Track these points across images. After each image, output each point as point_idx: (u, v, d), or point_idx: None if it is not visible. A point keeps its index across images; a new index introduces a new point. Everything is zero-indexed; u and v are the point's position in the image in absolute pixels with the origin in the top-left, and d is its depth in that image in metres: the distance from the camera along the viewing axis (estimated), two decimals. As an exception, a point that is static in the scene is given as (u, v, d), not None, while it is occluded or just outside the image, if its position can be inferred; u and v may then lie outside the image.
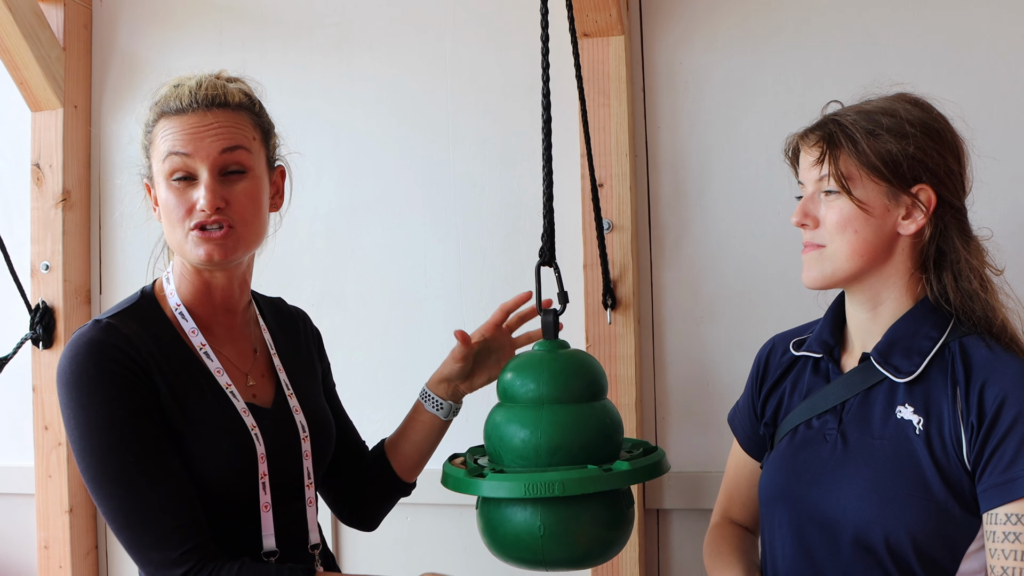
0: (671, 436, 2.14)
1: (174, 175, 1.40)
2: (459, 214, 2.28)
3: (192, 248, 1.41)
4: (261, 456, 1.43)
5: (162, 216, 1.45)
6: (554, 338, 1.56)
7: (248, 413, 1.45)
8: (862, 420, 1.41)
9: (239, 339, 1.55)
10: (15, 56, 2.37)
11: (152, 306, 1.47)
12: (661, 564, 2.16)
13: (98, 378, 1.34)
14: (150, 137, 1.45)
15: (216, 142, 1.41)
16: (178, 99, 1.43)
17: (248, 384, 1.51)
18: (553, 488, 1.38)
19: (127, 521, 1.33)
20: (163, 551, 1.32)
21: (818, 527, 1.40)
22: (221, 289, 1.50)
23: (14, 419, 2.58)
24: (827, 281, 1.43)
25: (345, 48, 2.38)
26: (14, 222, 2.55)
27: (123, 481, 1.32)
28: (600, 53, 2.10)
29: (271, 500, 1.44)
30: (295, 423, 1.53)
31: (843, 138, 1.39)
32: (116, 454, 1.33)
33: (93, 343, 1.36)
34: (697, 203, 2.13)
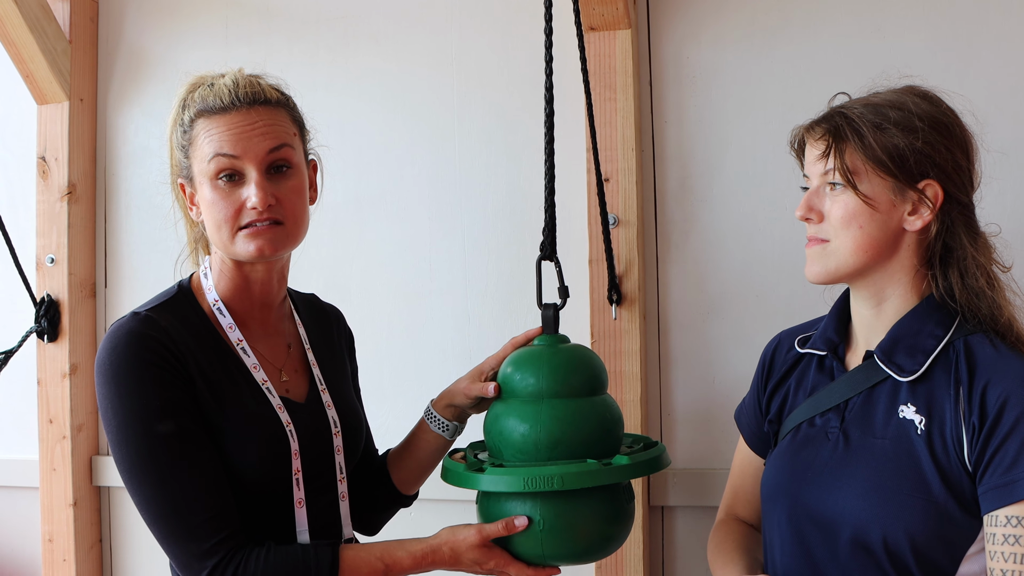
0: (676, 432, 2.13)
1: (220, 175, 1.41)
2: (464, 208, 2.27)
3: (243, 245, 1.42)
4: (295, 452, 1.44)
5: (206, 215, 1.44)
6: (554, 332, 1.56)
7: (283, 409, 1.45)
8: (864, 419, 1.39)
9: (274, 334, 1.55)
10: (21, 49, 2.37)
11: (189, 300, 1.48)
12: (666, 561, 2.15)
13: (136, 369, 1.35)
14: (189, 137, 1.45)
15: (263, 141, 1.42)
16: (218, 97, 1.42)
17: (282, 379, 1.52)
18: (552, 482, 1.38)
19: (160, 512, 1.34)
20: (195, 542, 1.33)
21: (816, 526, 1.39)
22: (260, 284, 1.51)
23: (19, 412, 2.59)
24: (830, 276, 1.42)
25: (351, 42, 2.37)
26: (20, 215, 2.55)
27: (156, 472, 1.34)
28: (607, 47, 2.09)
29: (304, 496, 1.45)
30: (327, 418, 1.53)
31: (849, 131, 1.36)
32: (150, 446, 1.34)
33: (132, 335, 1.37)
34: (703, 198, 2.12)
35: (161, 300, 1.47)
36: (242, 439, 1.40)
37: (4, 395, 2.40)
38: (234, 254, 1.44)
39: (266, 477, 1.42)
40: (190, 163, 1.45)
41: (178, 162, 1.49)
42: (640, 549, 2.05)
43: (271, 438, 1.43)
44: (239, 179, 1.41)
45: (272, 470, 1.42)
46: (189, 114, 1.45)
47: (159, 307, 1.44)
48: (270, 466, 1.42)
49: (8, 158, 2.62)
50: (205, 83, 1.46)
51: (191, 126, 1.44)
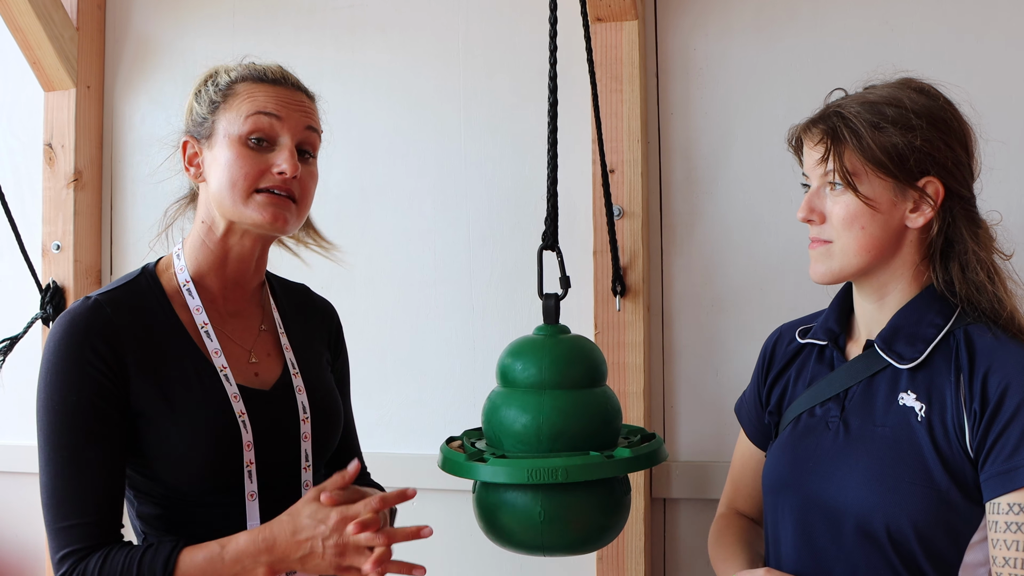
0: (679, 425, 2.13)
1: (254, 135, 1.41)
2: (469, 198, 2.27)
3: (256, 208, 1.41)
4: (247, 444, 1.41)
5: (216, 175, 1.42)
6: (555, 323, 1.55)
7: (239, 399, 1.42)
8: (865, 407, 1.39)
9: (245, 314, 1.53)
10: (28, 36, 2.38)
11: (151, 284, 1.46)
12: (667, 553, 2.14)
13: (65, 359, 1.34)
14: (224, 94, 1.44)
15: (303, 117, 1.46)
16: (269, 71, 1.46)
17: (251, 361, 1.49)
18: (556, 474, 1.38)
19: (45, 502, 1.33)
20: (57, 541, 1.32)
21: (820, 515, 1.38)
22: (237, 260, 1.49)
23: (24, 398, 2.58)
24: (835, 277, 1.41)
25: (357, 32, 2.37)
26: (26, 202, 2.56)
27: (52, 466, 1.33)
28: (613, 38, 2.08)
29: (258, 488, 1.42)
30: (296, 404, 1.50)
31: (847, 133, 1.35)
32: (55, 435, 1.33)
33: (72, 323, 1.36)
34: (709, 191, 2.11)
35: (120, 283, 1.44)
36: (187, 430, 1.37)
37: (9, 381, 2.40)
38: (240, 216, 1.41)
39: (213, 468, 1.39)
40: (214, 119, 1.44)
41: (195, 118, 1.47)
42: (641, 541, 2.05)
43: (220, 430, 1.39)
44: (269, 146, 1.42)
45: (219, 461, 1.39)
46: (230, 76, 1.46)
47: (115, 291, 1.42)
48: (217, 458, 1.39)
49: (15, 145, 2.62)
50: (243, 62, 1.50)
51: (230, 86, 1.45)
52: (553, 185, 1.54)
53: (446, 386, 2.27)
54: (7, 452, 2.65)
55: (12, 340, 2.37)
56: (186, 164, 1.48)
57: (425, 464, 2.15)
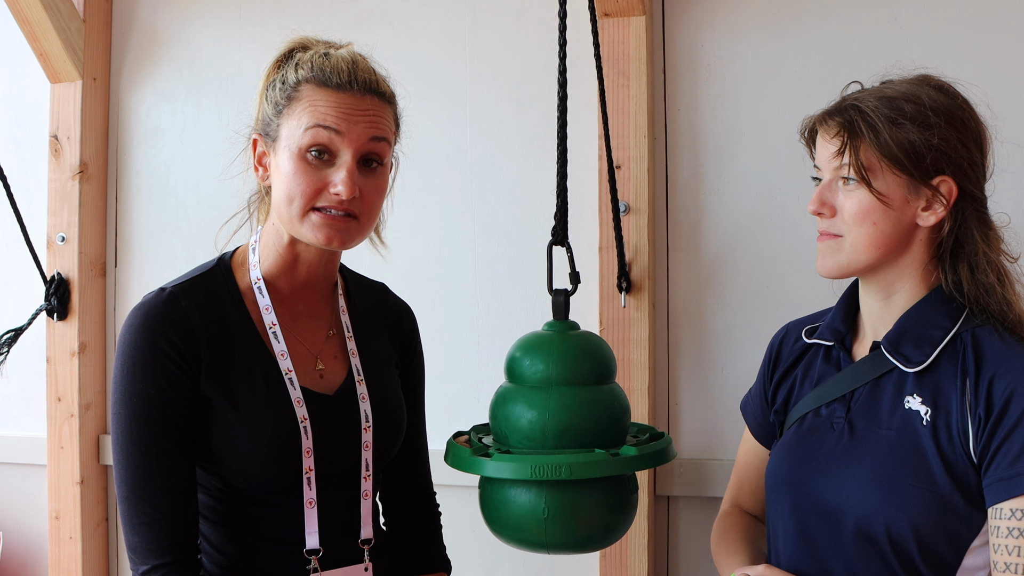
0: (683, 422, 2.12)
1: (312, 148, 1.34)
2: (475, 193, 2.27)
3: (310, 228, 1.35)
4: (307, 451, 1.38)
5: (278, 185, 1.37)
6: (564, 319, 1.55)
7: (302, 403, 1.39)
8: (870, 410, 1.39)
9: (316, 316, 1.49)
10: (35, 27, 2.38)
11: (225, 278, 1.43)
12: (670, 551, 2.14)
13: (140, 349, 1.33)
14: (289, 97, 1.37)
15: (367, 128, 1.36)
16: (335, 71, 1.35)
17: (317, 367, 1.46)
18: (560, 471, 1.37)
19: (124, 495, 1.32)
20: (147, 538, 1.31)
21: (820, 516, 1.38)
22: (308, 264, 1.45)
23: (28, 390, 2.60)
24: (842, 272, 1.40)
25: (364, 25, 2.36)
26: (31, 194, 2.56)
27: (130, 456, 1.32)
28: (621, 33, 2.08)
29: (317, 495, 1.40)
30: (359, 411, 1.46)
31: (864, 127, 1.34)
32: (131, 427, 1.32)
33: (148, 315, 1.34)
34: (715, 187, 2.11)
35: (194, 275, 1.42)
36: (248, 432, 1.36)
37: (13, 373, 2.41)
38: (297, 232, 1.37)
39: (270, 472, 1.37)
40: (279, 123, 1.37)
41: (264, 116, 1.41)
42: (644, 539, 2.05)
43: (280, 434, 1.37)
44: (329, 159, 1.34)
45: (277, 466, 1.37)
46: (298, 75, 1.37)
47: (189, 283, 1.39)
48: (275, 462, 1.37)
49: (21, 136, 2.62)
50: (319, 49, 1.40)
51: (296, 88, 1.36)
52: (563, 180, 1.53)
53: (450, 381, 2.26)
54: (10, 443, 2.65)
55: (16, 331, 2.37)
56: (256, 162, 1.43)
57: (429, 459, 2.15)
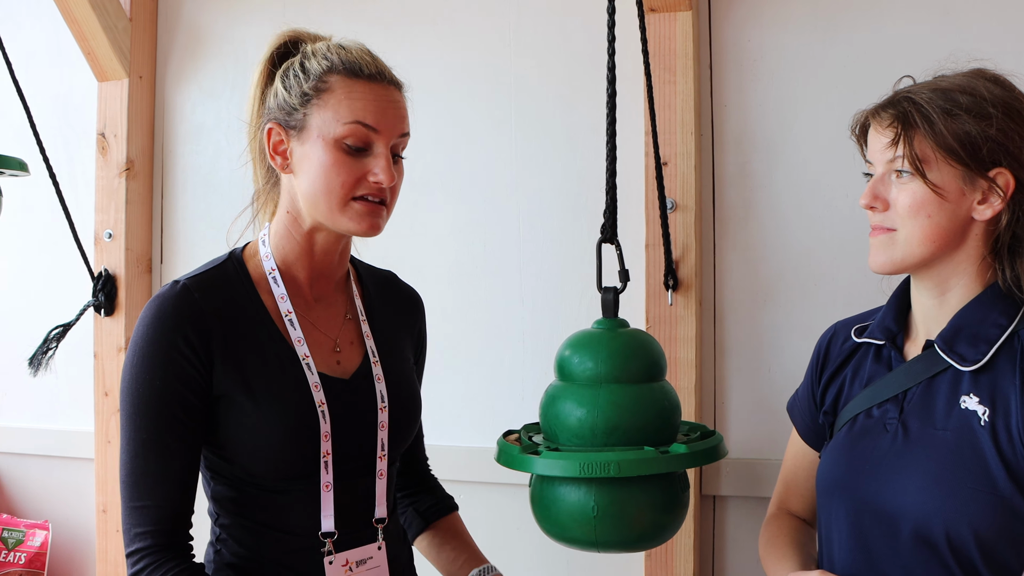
0: (730, 421, 2.11)
1: (349, 140, 1.37)
2: (520, 190, 2.26)
3: (353, 216, 1.38)
4: (325, 435, 1.40)
5: (312, 175, 1.38)
6: (614, 316, 1.54)
7: (319, 388, 1.41)
8: (924, 410, 1.35)
9: (331, 302, 1.52)
10: (83, 27, 2.40)
11: (238, 269, 1.45)
12: (716, 551, 2.13)
13: (152, 342, 1.34)
14: (317, 88, 1.38)
15: (399, 123, 1.41)
16: (361, 63, 1.39)
17: (335, 350, 1.49)
18: (609, 468, 1.36)
19: (123, 479, 1.35)
20: (133, 519, 1.34)
21: (876, 520, 1.35)
22: (324, 253, 1.47)
23: (76, 385, 2.63)
24: (895, 267, 1.38)
25: (408, 23, 2.36)
26: (79, 191, 2.58)
27: (133, 443, 1.34)
28: (667, 29, 2.06)
29: (334, 478, 1.41)
30: (375, 392, 1.49)
31: (919, 118, 1.32)
32: (136, 418, 1.34)
33: (162, 307, 1.36)
34: (762, 184, 2.09)
35: (207, 268, 1.44)
36: (266, 418, 1.38)
37: (62, 368, 2.43)
38: (334, 222, 1.39)
39: (288, 457, 1.39)
40: (307, 113, 1.38)
41: (284, 105, 1.40)
42: (691, 539, 2.04)
43: (299, 418, 1.39)
44: (365, 151, 1.38)
45: (296, 451, 1.39)
46: (322, 64, 1.39)
47: (202, 276, 1.41)
48: (293, 447, 1.39)
49: (69, 134, 2.65)
50: (325, 40, 1.44)
51: (323, 78, 1.38)
52: (612, 178, 1.53)
53: (495, 379, 2.27)
54: (58, 437, 2.68)
55: (65, 327, 2.39)
56: (271, 151, 1.42)
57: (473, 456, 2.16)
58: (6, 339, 2.74)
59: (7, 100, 2.33)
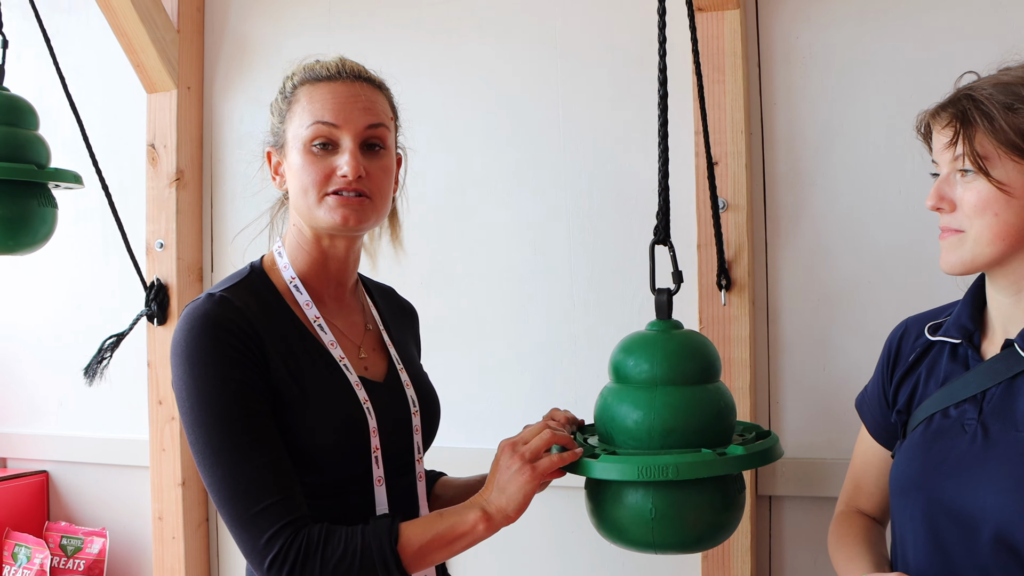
0: (785, 421, 2.09)
1: (315, 141, 1.43)
2: (569, 192, 2.26)
3: (327, 212, 1.43)
4: (373, 430, 1.43)
5: (291, 182, 1.46)
6: (668, 318, 1.53)
7: (360, 387, 1.45)
8: (1005, 411, 1.32)
9: (350, 312, 1.56)
10: (132, 40, 2.43)
11: (263, 279, 1.49)
12: (773, 552, 2.11)
13: (211, 352, 1.35)
14: (289, 102, 1.47)
15: (363, 116, 1.45)
16: (324, 67, 1.47)
17: (360, 356, 1.52)
18: (667, 471, 1.35)
19: (228, 494, 1.32)
20: (258, 527, 1.31)
21: (954, 522, 1.31)
22: (337, 260, 1.52)
23: (130, 394, 2.66)
24: (966, 267, 1.35)
25: (453, 27, 2.37)
26: (130, 201, 2.61)
27: (226, 455, 1.33)
28: (715, 28, 2.05)
29: (384, 474, 1.45)
30: (406, 397, 1.53)
31: (978, 115, 1.29)
32: (222, 429, 1.33)
33: (207, 316, 1.37)
34: (814, 182, 2.07)
35: (235, 280, 1.47)
36: (321, 416, 1.40)
37: (116, 377, 2.46)
38: (316, 220, 1.44)
39: (345, 454, 1.41)
40: (284, 128, 1.47)
41: (273, 128, 1.51)
42: (748, 539, 2.02)
43: (349, 415, 1.42)
44: (333, 148, 1.43)
45: (351, 447, 1.42)
46: (292, 82, 1.48)
47: (233, 287, 1.44)
48: (348, 443, 1.42)
49: (119, 146, 2.68)
50: (311, 59, 1.51)
51: (293, 92, 1.47)
52: (664, 179, 1.51)
53: (547, 382, 2.26)
54: (114, 446, 2.72)
55: (119, 337, 2.42)
56: (273, 173, 1.53)
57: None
58: (62, 350, 2.78)
59: (58, 113, 2.36)
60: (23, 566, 2.59)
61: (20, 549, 2.62)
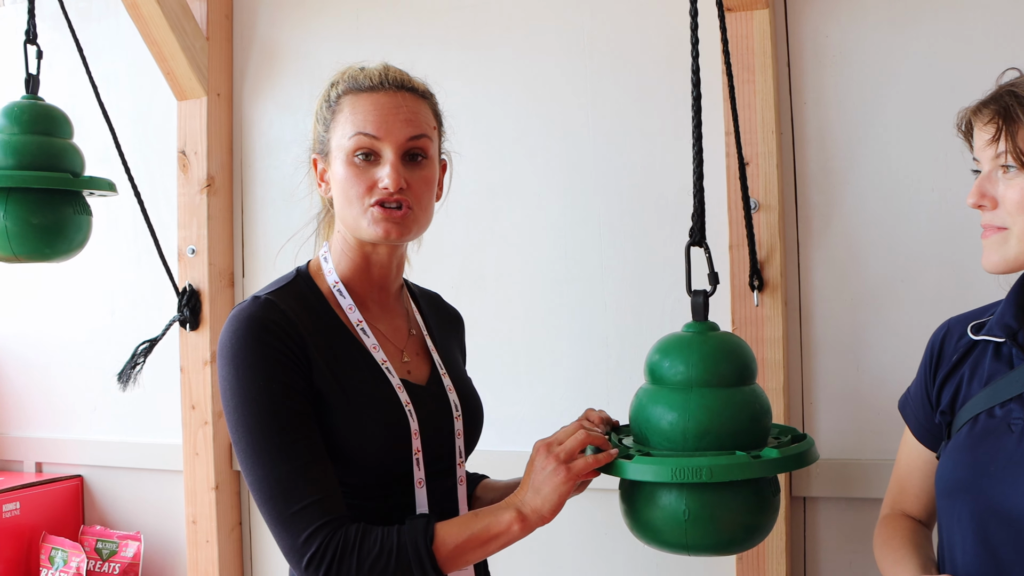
0: (819, 422, 2.08)
1: (358, 152, 1.44)
2: (599, 194, 2.25)
3: (369, 224, 1.44)
4: (414, 432, 1.44)
5: (336, 191, 1.47)
6: (704, 319, 1.53)
7: (402, 389, 1.46)
8: None
9: (394, 316, 1.58)
10: (163, 47, 2.45)
11: (308, 283, 1.51)
12: (808, 553, 2.10)
13: (255, 353, 1.37)
14: (333, 111, 1.49)
15: (405, 128, 1.45)
16: (367, 77, 1.47)
17: (403, 360, 1.53)
18: (701, 473, 1.35)
19: (269, 494, 1.34)
20: (297, 526, 1.33)
21: (1003, 524, 1.29)
22: (380, 266, 1.53)
23: (163, 398, 2.67)
24: (1009, 266, 1.33)
25: (482, 30, 2.37)
26: (161, 208, 2.63)
27: (268, 455, 1.35)
28: (744, 28, 2.04)
29: (425, 476, 1.45)
30: (448, 401, 1.54)
31: (1020, 111, 1.28)
32: (264, 429, 1.35)
33: (253, 319, 1.39)
34: (845, 181, 2.06)
35: (281, 284, 1.49)
36: (363, 418, 1.41)
37: (149, 382, 2.48)
38: (359, 232, 1.46)
39: (386, 456, 1.43)
40: (328, 137, 1.49)
41: (318, 136, 1.53)
42: (782, 540, 2.01)
43: (391, 417, 1.43)
44: (375, 159, 1.44)
45: (392, 449, 1.43)
46: (337, 91, 1.49)
47: (279, 291, 1.46)
48: (390, 445, 1.43)
49: (150, 153, 2.70)
50: (356, 67, 1.51)
51: (337, 102, 1.48)
52: (699, 180, 1.51)
53: (579, 384, 2.26)
54: (148, 450, 2.74)
55: (151, 342, 2.44)
56: (318, 180, 1.54)
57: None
58: (96, 355, 2.81)
59: (91, 122, 2.38)
60: (60, 569, 2.62)
61: (57, 553, 2.64)
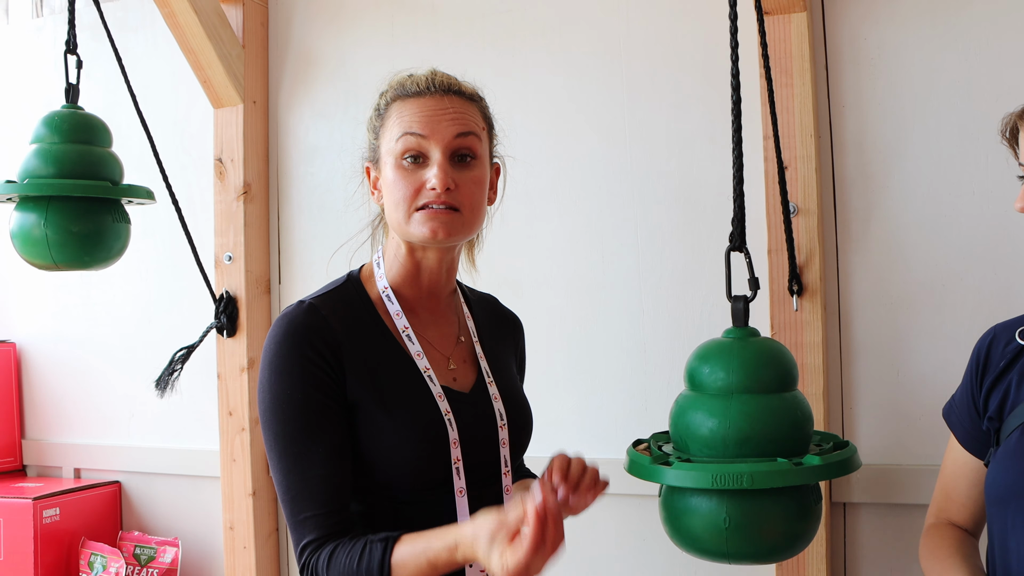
0: (860, 427, 2.05)
1: (406, 155, 1.44)
2: (636, 199, 2.25)
3: (417, 226, 1.43)
4: (454, 441, 1.44)
5: (386, 196, 1.48)
6: (744, 325, 1.52)
7: (443, 398, 1.46)
8: None
9: (443, 323, 1.57)
10: (199, 56, 2.47)
11: (356, 288, 1.52)
12: (848, 560, 2.08)
13: (287, 357, 1.39)
14: (382, 118, 1.50)
15: (451, 126, 1.45)
16: (415, 84, 1.48)
17: (449, 367, 1.53)
18: (741, 480, 1.34)
19: (283, 497, 1.39)
20: (299, 532, 1.38)
21: None
22: (429, 272, 1.53)
23: (201, 405, 2.69)
24: None
25: (517, 36, 2.37)
26: (199, 215, 2.65)
27: (285, 461, 1.38)
28: (782, 31, 2.03)
29: (466, 485, 1.45)
30: (493, 410, 1.53)
31: None
32: (285, 434, 1.38)
33: (292, 323, 1.41)
34: (884, 186, 2.04)
35: (329, 288, 1.51)
36: (400, 425, 1.41)
37: (187, 389, 2.50)
38: (408, 235, 1.46)
39: (422, 463, 1.43)
40: (379, 144, 1.50)
41: (369, 145, 1.54)
42: (823, 547, 1.99)
43: (429, 425, 1.43)
44: (423, 161, 1.44)
45: (430, 456, 1.43)
46: (385, 99, 1.50)
47: (326, 295, 1.48)
48: (427, 452, 1.43)
49: (187, 161, 2.72)
50: (404, 74, 1.52)
51: (386, 109, 1.49)
52: (739, 185, 1.50)
53: (616, 389, 2.25)
54: (185, 456, 2.76)
55: (189, 349, 2.45)
56: (372, 188, 1.55)
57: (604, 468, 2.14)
58: (133, 362, 2.83)
59: (128, 130, 2.40)
60: (99, 574, 2.64)
61: (96, 558, 2.66)
